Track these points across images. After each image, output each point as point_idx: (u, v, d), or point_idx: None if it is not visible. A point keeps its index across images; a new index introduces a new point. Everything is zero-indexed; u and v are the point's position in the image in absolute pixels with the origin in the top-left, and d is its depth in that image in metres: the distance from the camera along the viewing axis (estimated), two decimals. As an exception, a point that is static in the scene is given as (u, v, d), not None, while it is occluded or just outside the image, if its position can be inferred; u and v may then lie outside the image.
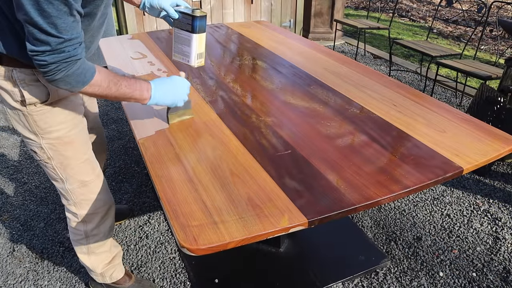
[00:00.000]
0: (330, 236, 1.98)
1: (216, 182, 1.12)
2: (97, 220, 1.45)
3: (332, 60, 2.10)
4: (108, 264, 1.59)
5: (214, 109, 1.55)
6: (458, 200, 2.30)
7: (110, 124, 3.15)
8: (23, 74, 1.11)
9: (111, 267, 1.60)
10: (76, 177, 1.33)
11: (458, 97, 3.61)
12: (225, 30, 2.67)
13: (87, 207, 1.38)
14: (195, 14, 1.33)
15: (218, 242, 0.92)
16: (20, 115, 1.18)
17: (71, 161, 1.30)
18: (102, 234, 1.49)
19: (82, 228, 1.44)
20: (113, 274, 1.63)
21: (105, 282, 1.64)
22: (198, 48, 1.39)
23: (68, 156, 1.29)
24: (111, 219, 1.51)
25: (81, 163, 1.33)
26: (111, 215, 1.50)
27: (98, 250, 1.52)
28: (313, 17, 5.10)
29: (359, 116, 1.50)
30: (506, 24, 3.02)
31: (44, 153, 1.26)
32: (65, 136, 1.26)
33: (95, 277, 1.62)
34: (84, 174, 1.35)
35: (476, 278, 1.79)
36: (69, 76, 1.02)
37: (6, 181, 2.46)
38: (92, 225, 1.44)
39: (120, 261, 1.65)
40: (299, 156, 1.25)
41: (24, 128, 1.21)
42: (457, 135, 1.37)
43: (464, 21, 6.42)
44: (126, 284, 1.67)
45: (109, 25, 3.87)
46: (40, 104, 1.17)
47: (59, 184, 1.34)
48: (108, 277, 1.62)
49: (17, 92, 1.13)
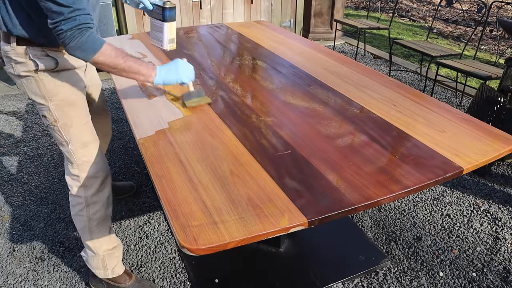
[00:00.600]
0: (330, 236, 1.98)
1: (216, 182, 1.12)
2: (97, 185, 1.55)
3: (332, 60, 2.10)
4: (110, 250, 1.62)
5: (214, 109, 1.55)
6: (458, 200, 2.30)
7: (110, 124, 3.15)
8: (35, 51, 1.36)
9: (113, 257, 1.63)
10: (78, 138, 1.50)
11: (458, 97, 3.61)
12: (225, 30, 2.67)
13: (87, 169, 1.53)
14: (165, 6, 1.55)
15: (218, 242, 0.92)
16: (32, 81, 1.40)
17: (73, 122, 1.48)
18: (101, 203, 1.58)
19: (82, 194, 1.55)
20: (115, 268, 1.65)
21: (106, 277, 1.65)
22: (169, 34, 1.61)
23: (71, 117, 1.47)
24: (108, 188, 1.61)
25: (83, 125, 1.51)
26: (108, 184, 1.61)
27: (98, 226, 1.59)
28: (313, 17, 5.10)
29: (359, 116, 1.50)
30: (506, 24, 3.02)
31: (52, 115, 1.45)
32: (69, 98, 1.46)
33: (96, 271, 1.65)
34: (85, 135, 1.52)
35: (476, 278, 1.79)
36: (83, 43, 1.22)
37: (6, 181, 2.46)
38: (92, 191, 1.55)
39: (121, 255, 1.67)
40: (299, 156, 1.25)
41: (35, 95, 1.42)
42: (457, 135, 1.37)
43: (464, 21, 6.42)
44: (126, 283, 1.69)
45: (109, 25, 3.87)
46: (49, 71, 1.40)
47: (64, 148, 1.51)
48: (110, 270, 1.64)
49: (32, 63, 1.37)
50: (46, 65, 1.38)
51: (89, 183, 1.54)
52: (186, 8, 4.34)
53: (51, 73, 1.41)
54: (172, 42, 1.64)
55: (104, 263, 1.62)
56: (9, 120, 3.21)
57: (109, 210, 1.62)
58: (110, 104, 3.49)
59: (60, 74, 1.43)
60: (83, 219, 1.57)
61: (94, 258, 1.62)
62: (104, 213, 1.60)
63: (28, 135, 2.98)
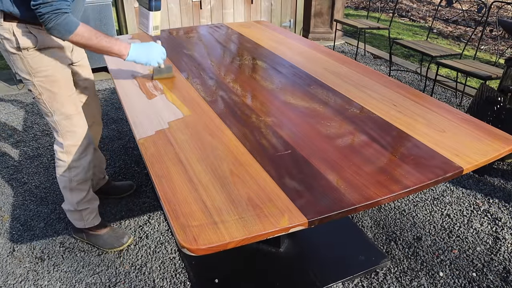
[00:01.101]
0: (330, 236, 1.98)
1: (216, 182, 1.12)
2: (78, 152, 1.75)
3: (332, 60, 2.10)
4: (87, 203, 1.85)
5: (214, 109, 1.55)
6: (458, 200, 2.30)
7: (110, 124, 3.15)
8: (19, 28, 1.49)
9: (89, 211, 1.88)
10: (61, 110, 1.66)
11: (458, 97, 3.61)
12: (225, 30, 2.67)
13: (70, 138, 1.72)
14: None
15: (218, 242, 0.92)
16: (18, 58, 1.53)
17: (57, 96, 1.63)
18: (81, 167, 1.78)
19: (66, 159, 1.75)
20: (92, 220, 1.90)
21: (84, 227, 1.90)
22: (154, 22, 1.75)
23: (55, 92, 1.62)
24: (90, 155, 1.81)
25: (65, 99, 1.66)
26: (90, 152, 1.80)
27: (78, 186, 1.80)
28: (313, 17, 5.10)
29: (359, 116, 1.50)
30: (506, 24, 3.02)
31: (36, 89, 1.60)
32: (52, 75, 1.60)
33: (75, 222, 1.90)
34: (68, 108, 1.67)
35: (476, 278, 1.79)
36: (58, 25, 1.38)
37: (6, 181, 2.46)
38: (74, 157, 1.75)
39: (97, 209, 1.93)
40: (299, 156, 1.25)
41: (21, 70, 1.57)
42: (457, 135, 1.37)
43: (464, 21, 6.42)
44: (102, 231, 1.94)
45: (109, 25, 3.87)
46: (32, 49, 1.52)
47: (50, 118, 1.68)
48: (87, 221, 1.89)
49: (14, 40, 1.50)
50: (26, 42, 1.50)
51: (71, 150, 1.74)
52: (186, 8, 4.34)
53: (35, 51, 1.53)
54: (157, 29, 1.78)
55: (81, 216, 1.87)
56: (9, 120, 3.21)
57: (89, 173, 1.84)
58: (110, 104, 3.49)
59: (43, 52, 1.55)
60: (65, 180, 1.78)
61: (73, 212, 1.86)
62: (84, 176, 1.80)
63: (28, 135, 2.98)
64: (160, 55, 1.72)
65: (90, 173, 1.85)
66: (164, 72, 1.84)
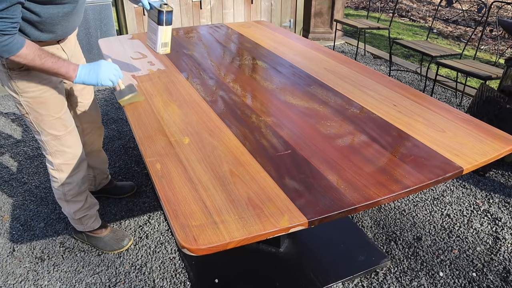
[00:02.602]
0: (330, 236, 1.98)
1: (216, 182, 1.12)
2: (69, 170, 1.71)
3: (332, 60, 2.10)
4: (84, 211, 1.84)
5: (214, 109, 1.55)
6: (458, 200, 2.30)
7: (110, 124, 3.15)
8: None
9: (88, 217, 1.87)
10: (49, 131, 1.61)
11: (458, 97, 3.61)
12: (225, 30, 2.67)
13: (60, 157, 1.68)
14: (161, 8, 1.53)
15: (218, 242, 0.92)
16: (6, 76, 1.49)
17: (44, 118, 1.58)
18: (75, 183, 1.76)
19: (57, 176, 1.72)
20: (91, 224, 1.89)
21: (84, 230, 1.91)
22: (163, 38, 1.60)
23: (42, 114, 1.57)
24: (82, 172, 1.78)
25: (53, 120, 1.60)
26: (82, 168, 1.77)
27: (73, 198, 1.78)
28: (313, 17, 5.10)
29: (359, 116, 1.50)
30: (506, 24, 3.02)
31: (23, 108, 1.56)
32: (39, 97, 1.54)
33: (75, 225, 1.90)
34: (56, 129, 1.62)
35: (476, 278, 1.79)
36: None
37: (6, 181, 2.46)
38: (65, 174, 1.72)
39: (96, 213, 1.91)
40: (299, 156, 1.25)
41: (8, 88, 1.53)
42: (457, 135, 1.37)
43: (464, 21, 6.42)
44: (103, 233, 1.94)
45: (109, 25, 3.87)
46: (18, 69, 1.47)
47: (38, 136, 1.64)
48: (86, 225, 1.89)
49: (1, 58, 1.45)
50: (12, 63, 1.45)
51: (63, 168, 1.70)
52: (186, 8, 4.34)
53: (22, 71, 1.48)
54: (166, 46, 1.63)
55: (80, 222, 1.87)
56: (9, 120, 3.21)
57: (84, 186, 1.81)
58: (110, 104, 3.49)
59: (30, 72, 1.49)
60: (59, 193, 1.77)
61: (72, 219, 1.87)
62: (78, 189, 1.78)
63: (28, 135, 2.98)
64: (112, 72, 1.53)
65: (85, 186, 1.82)
66: (126, 93, 1.56)
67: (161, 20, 1.54)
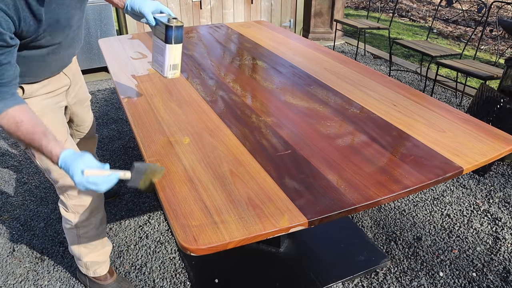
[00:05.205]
0: (330, 236, 1.98)
1: (216, 182, 1.12)
2: (87, 212, 1.46)
3: (332, 60, 2.10)
4: (95, 258, 1.63)
5: (214, 109, 1.56)
6: (458, 200, 2.30)
7: (110, 124, 3.15)
8: None
9: (96, 262, 1.65)
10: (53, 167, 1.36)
11: (458, 97, 3.61)
12: (225, 30, 2.67)
13: (74, 198, 1.42)
14: (169, 23, 1.27)
15: (218, 242, 0.92)
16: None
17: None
18: (92, 225, 1.52)
19: (71, 219, 1.47)
20: (97, 270, 1.67)
21: (88, 275, 1.69)
22: (171, 59, 1.33)
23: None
24: (101, 212, 1.54)
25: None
26: (100, 208, 1.53)
27: (88, 242, 1.55)
28: (313, 17, 5.10)
29: (359, 116, 1.50)
30: (506, 24, 3.02)
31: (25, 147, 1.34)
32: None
33: (80, 267, 1.68)
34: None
35: (476, 278, 1.79)
36: None
37: (6, 181, 2.46)
38: (82, 217, 1.46)
39: (107, 258, 1.69)
40: (299, 156, 1.25)
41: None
42: (457, 135, 1.37)
43: (464, 21, 6.42)
44: (107, 281, 1.71)
45: (109, 25, 3.87)
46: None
47: (46, 174, 1.40)
48: (91, 271, 1.66)
49: None
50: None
51: (78, 210, 1.45)
52: (186, 8, 4.34)
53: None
54: (175, 68, 1.36)
55: (87, 266, 1.65)
56: (9, 120, 3.20)
57: (102, 228, 1.57)
58: (110, 104, 3.49)
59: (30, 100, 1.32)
60: (72, 235, 1.54)
61: (79, 261, 1.64)
62: (95, 232, 1.55)
63: (28, 135, 2.98)
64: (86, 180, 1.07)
65: (103, 227, 1.57)
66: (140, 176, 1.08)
67: (169, 38, 1.28)
